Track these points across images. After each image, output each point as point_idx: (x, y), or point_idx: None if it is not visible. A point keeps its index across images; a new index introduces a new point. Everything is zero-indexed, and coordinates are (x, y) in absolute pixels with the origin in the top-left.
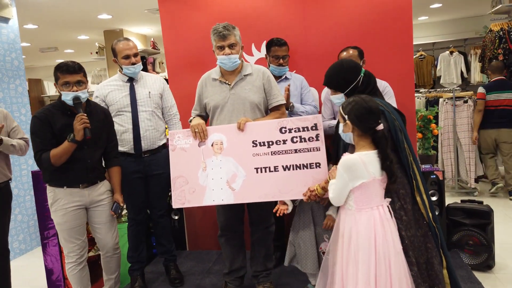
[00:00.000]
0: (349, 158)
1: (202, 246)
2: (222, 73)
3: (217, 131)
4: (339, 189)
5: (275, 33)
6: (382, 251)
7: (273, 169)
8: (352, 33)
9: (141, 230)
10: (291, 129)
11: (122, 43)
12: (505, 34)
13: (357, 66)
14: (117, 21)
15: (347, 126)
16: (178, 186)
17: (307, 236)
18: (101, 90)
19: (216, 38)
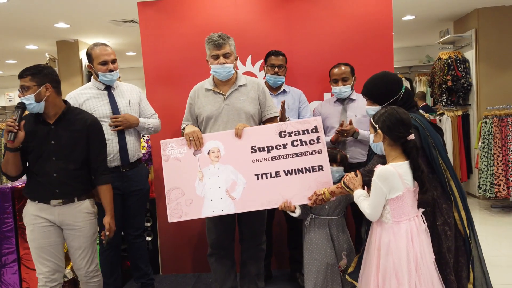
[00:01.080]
0: (385, 169)
1: (177, 270)
2: (215, 83)
3: (213, 138)
4: (377, 202)
5: (261, 48)
6: (420, 262)
7: (274, 174)
8: (336, 49)
9: (117, 253)
10: (291, 132)
11: (99, 48)
12: (453, 62)
13: (400, 81)
14: (74, 31)
15: (378, 135)
16: (173, 199)
17: (327, 257)
18: (76, 98)
19: (211, 47)
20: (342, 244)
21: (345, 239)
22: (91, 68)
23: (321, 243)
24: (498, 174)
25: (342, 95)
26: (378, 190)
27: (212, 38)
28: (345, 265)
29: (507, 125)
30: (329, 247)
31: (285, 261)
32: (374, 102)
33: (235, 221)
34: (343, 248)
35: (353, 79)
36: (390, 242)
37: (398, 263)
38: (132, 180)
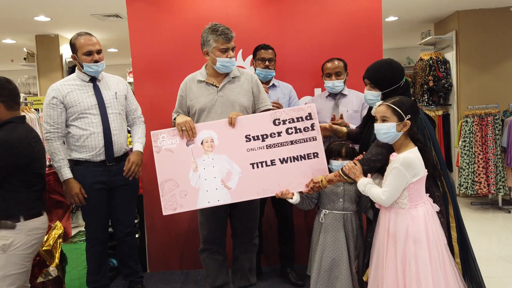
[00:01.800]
0: (408, 156)
1: (165, 267)
2: (208, 75)
3: (206, 128)
4: (398, 189)
5: (251, 43)
6: (438, 245)
7: (269, 163)
8: (327, 44)
9: (104, 250)
10: (285, 120)
11: (84, 37)
12: (434, 63)
13: (403, 70)
14: (55, 25)
15: (403, 125)
16: (167, 191)
17: (340, 255)
18: (59, 90)
19: (222, 40)
20: (356, 242)
21: (359, 237)
22: (75, 59)
23: (332, 240)
24: (479, 171)
25: (335, 89)
26: (401, 177)
27: (222, 30)
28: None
29: (487, 124)
30: (339, 245)
31: (274, 257)
32: (375, 86)
33: (227, 216)
34: (356, 247)
35: (345, 74)
36: (409, 226)
37: (419, 246)
38: (119, 175)
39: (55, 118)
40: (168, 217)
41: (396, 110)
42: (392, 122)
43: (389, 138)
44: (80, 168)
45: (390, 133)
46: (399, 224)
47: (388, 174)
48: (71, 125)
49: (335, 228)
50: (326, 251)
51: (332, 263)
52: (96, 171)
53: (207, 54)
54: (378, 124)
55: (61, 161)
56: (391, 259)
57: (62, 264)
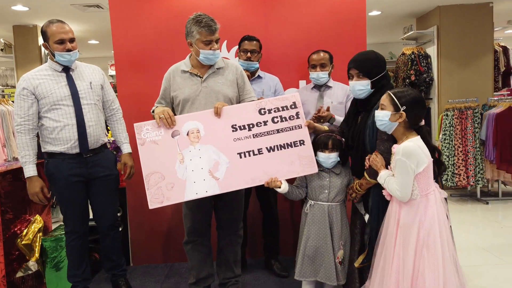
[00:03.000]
0: (407, 145)
1: (148, 260)
2: (192, 65)
3: (192, 118)
4: (406, 181)
5: (236, 34)
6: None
7: (257, 152)
8: (311, 36)
9: (84, 243)
10: (271, 109)
11: (56, 25)
12: (416, 57)
13: (385, 61)
14: (33, 15)
15: (399, 116)
16: (153, 184)
17: (324, 244)
18: (30, 81)
19: (205, 32)
20: (340, 233)
21: (344, 228)
22: (46, 47)
23: (316, 230)
24: (458, 164)
25: (319, 81)
26: (405, 168)
27: (205, 21)
28: (342, 256)
29: (466, 118)
30: (323, 234)
31: (259, 250)
32: (364, 75)
33: (212, 208)
34: (341, 237)
35: (331, 67)
36: (421, 217)
37: (430, 235)
38: (98, 166)
39: (25, 109)
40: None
41: (393, 100)
42: (387, 111)
43: (383, 126)
44: (55, 160)
45: (383, 121)
46: (411, 216)
47: (394, 168)
48: (44, 116)
49: (320, 218)
50: (310, 240)
51: (315, 251)
52: (72, 163)
53: (191, 45)
54: (377, 111)
55: (27, 157)
56: (399, 250)
57: (42, 258)
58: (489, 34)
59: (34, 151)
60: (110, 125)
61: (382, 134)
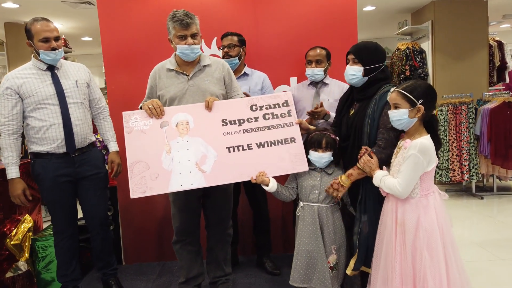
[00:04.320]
0: (424, 142)
1: (140, 259)
2: (178, 63)
3: (182, 110)
4: (413, 177)
5: (226, 30)
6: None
7: (246, 147)
8: (302, 33)
9: (73, 244)
10: (262, 106)
11: (40, 23)
12: (410, 52)
13: (386, 53)
14: (24, 12)
15: (416, 110)
16: (136, 173)
17: (315, 247)
18: (13, 80)
19: (178, 27)
20: (333, 236)
21: (337, 231)
22: (30, 46)
23: (307, 233)
24: (453, 159)
25: (314, 77)
26: (417, 164)
27: (178, 16)
28: (335, 262)
29: (461, 113)
30: (315, 237)
31: (250, 247)
32: (358, 61)
33: (200, 206)
34: (334, 241)
35: (327, 64)
36: (420, 216)
37: (430, 237)
38: (86, 165)
39: (9, 109)
40: (143, 209)
41: (406, 96)
42: (404, 109)
43: (403, 125)
44: (41, 161)
45: (403, 120)
46: (409, 214)
47: (403, 162)
48: (29, 116)
49: (310, 220)
50: (301, 244)
51: (308, 256)
52: (59, 163)
53: (171, 42)
54: (391, 111)
55: (9, 158)
56: (400, 249)
57: (32, 258)
58: (484, 28)
59: (18, 153)
60: (97, 124)
61: (386, 123)
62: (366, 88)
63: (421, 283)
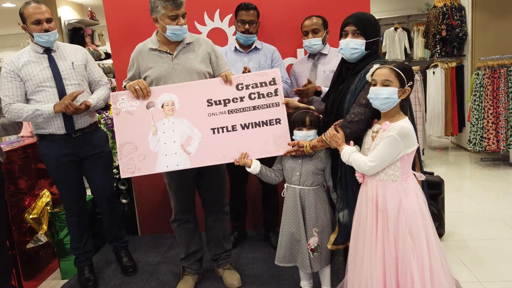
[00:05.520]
0: (405, 125)
1: (155, 230)
2: (160, 42)
3: (167, 90)
4: (388, 156)
5: (229, 2)
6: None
7: (231, 128)
8: (309, 3)
9: (83, 219)
10: (249, 85)
11: (32, 6)
12: (448, 10)
13: (380, 27)
14: None
15: (403, 91)
16: (126, 154)
17: (297, 229)
18: (14, 63)
19: (170, 6)
20: (314, 219)
21: (320, 214)
22: (25, 29)
23: (290, 214)
24: (488, 127)
25: (312, 48)
26: (395, 147)
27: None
28: (316, 244)
29: (499, 77)
30: (296, 219)
31: (261, 221)
32: (361, 34)
33: (195, 186)
34: (316, 223)
35: (325, 32)
36: (402, 200)
37: (412, 220)
38: (88, 144)
39: (14, 90)
40: (155, 183)
41: (400, 75)
42: (394, 88)
43: (388, 104)
44: (45, 142)
45: (391, 98)
46: (390, 198)
47: (378, 143)
48: (30, 99)
49: (292, 202)
50: (285, 225)
51: (291, 237)
52: (61, 144)
53: (156, 21)
54: (379, 88)
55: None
56: (382, 235)
57: (51, 230)
58: None
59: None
60: None
61: (361, 99)
62: (357, 64)
63: (404, 268)
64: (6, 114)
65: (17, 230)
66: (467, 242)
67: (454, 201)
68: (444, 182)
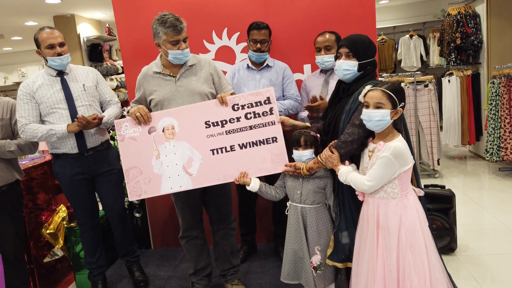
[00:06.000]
0: (398, 145)
1: (167, 244)
2: (164, 65)
3: (166, 115)
4: (384, 175)
5: (237, 20)
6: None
7: (229, 148)
8: (315, 19)
9: (96, 234)
10: (244, 105)
11: (46, 31)
12: (462, 18)
13: (376, 49)
14: (66, 6)
15: (395, 113)
16: (132, 178)
17: (300, 247)
18: (29, 86)
19: (171, 32)
20: (316, 237)
21: (322, 232)
22: (39, 54)
23: (292, 232)
24: (505, 137)
25: (324, 64)
26: (390, 167)
27: (170, 22)
28: (319, 262)
29: None
30: (299, 237)
31: (271, 236)
32: (354, 55)
33: (201, 203)
34: (318, 241)
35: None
36: (402, 216)
37: (413, 236)
38: (100, 162)
39: (30, 111)
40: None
41: (391, 97)
42: (386, 110)
43: (381, 126)
44: (59, 161)
45: (383, 120)
46: (391, 215)
47: (374, 162)
48: (44, 120)
49: (294, 220)
50: (288, 242)
51: (294, 255)
52: (74, 162)
53: (159, 46)
54: (372, 111)
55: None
56: (383, 252)
57: (67, 245)
58: None
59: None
60: None
61: (355, 119)
62: (351, 84)
63: (405, 284)
64: (22, 134)
65: (35, 245)
66: (480, 257)
67: (469, 213)
68: (460, 193)
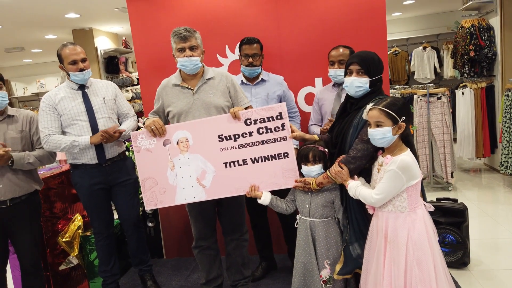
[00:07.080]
0: (406, 159)
1: (180, 254)
2: (183, 78)
3: (181, 128)
4: (392, 189)
5: (249, 34)
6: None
7: (241, 162)
8: (327, 32)
9: (111, 243)
10: (256, 120)
11: (69, 48)
12: (475, 30)
13: (383, 65)
14: (85, 20)
15: (398, 127)
16: (148, 188)
17: (309, 260)
18: (52, 98)
19: (177, 40)
20: (325, 250)
21: (331, 246)
22: (62, 69)
23: (302, 246)
24: None
25: (337, 78)
26: (398, 181)
27: (177, 31)
28: (328, 276)
29: None
30: (308, 251)
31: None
32: (365, 73)
33: (215, 214)
34: (327, 255)
35: None
36: (409, 230)
37: (420, 250)
38: (117, 173)
39: (52, 122)
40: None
41: (389, 114)
42: (387, 127)
43: (385, 142)
44: (78, 171)
45: (386, 138)
46: (399, 229)
47: (382, 176)
48: (65, 132)
49: (304, 234)
50: (298, 256)
51: (304, 268)
52: (93, 173)
53: (175, 58)
54: (373, 130)
55: (69, 138)
56: (390, 266)
57: (82, 253)
58: None
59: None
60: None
61: (363, 135)
62: (360, 99)
63: None
64: (45, 144)
65: (51, 253)
66: (493, 272)
67: (483, 227)
68: (474, 206)
